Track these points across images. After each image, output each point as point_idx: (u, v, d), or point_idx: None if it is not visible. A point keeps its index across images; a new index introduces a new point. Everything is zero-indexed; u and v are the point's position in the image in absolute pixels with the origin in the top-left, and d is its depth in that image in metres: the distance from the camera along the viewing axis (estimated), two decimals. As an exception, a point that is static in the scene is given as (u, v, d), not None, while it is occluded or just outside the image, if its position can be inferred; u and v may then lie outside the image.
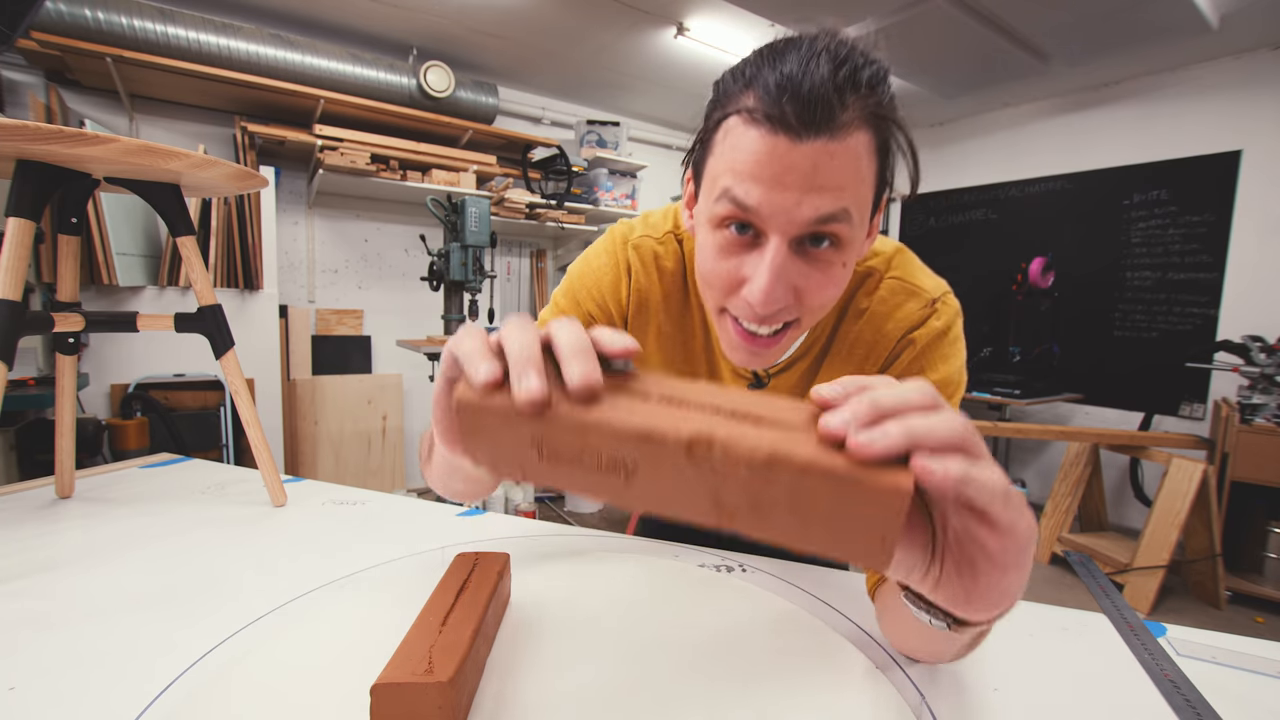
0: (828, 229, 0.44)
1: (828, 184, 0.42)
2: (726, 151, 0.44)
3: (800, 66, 0.40)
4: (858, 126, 0.42)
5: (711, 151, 0.46)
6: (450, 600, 0.48)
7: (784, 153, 0.41)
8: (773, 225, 0.43)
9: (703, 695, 0.44)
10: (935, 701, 0.44)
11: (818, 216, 0.42)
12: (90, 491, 0.88)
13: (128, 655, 0.47)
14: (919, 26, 2.78)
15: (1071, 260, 3.65)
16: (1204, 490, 2.43)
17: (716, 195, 0.45)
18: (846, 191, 0.43)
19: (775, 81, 0.41)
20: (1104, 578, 0.65)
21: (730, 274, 0.47)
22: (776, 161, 0.41)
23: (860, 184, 0.44)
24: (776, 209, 0.42)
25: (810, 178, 0.41)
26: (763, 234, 0.45)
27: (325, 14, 2.89)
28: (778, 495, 0.28)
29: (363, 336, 3.41)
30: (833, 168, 0.41)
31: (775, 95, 0.40)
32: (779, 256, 0.44)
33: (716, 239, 0.47)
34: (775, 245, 0.44)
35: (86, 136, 0.61)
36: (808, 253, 0.45)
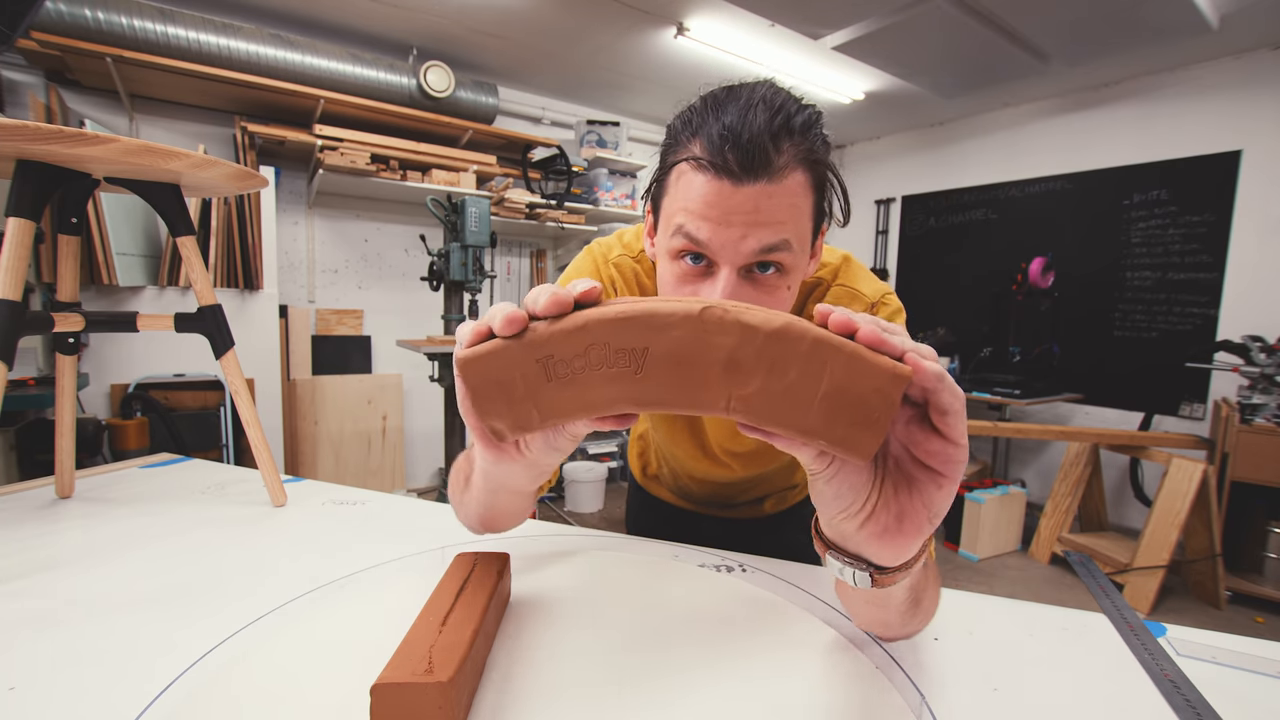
0: (771, 258, 0.49)
1: (769, 220, 0.47)
2: (680, 193, 0.50)
3: (739, 118, 0.46)
4: (793, 169, 0.48)
5: (667, 191, 0.52)
6: (450, 600, 0.48)
7: (728, 195, 0.47)
8: (722, 257, 0.49)
9: (703, 695, 0.44)
10: (935, 701, 0.44)
11: (761, 248, 0.48)
12: (90, 491, 0.88)
13: (128, 655, 0.47)
14: (919, 26, 2.78)
15: (1071, 260, 3.65)
16: (1204, 490, 2.43)
17: (672, 231, 0.51)
18: (786, 225, 0.48)
19: (718, 132, 0.46)
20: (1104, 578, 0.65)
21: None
22: (722, 203, 0.47)
23: (799, 217, 0.50)
24: (724, 244, 0.48)
25: (753, 216, 0.47)
26: (714, 264, 0.50)
27: (325, 14, 2.89)
28: (790, 361, 0.29)
29: (363, 336, 3.41)
30: (772, 206, 0.47)
31: (719, 145, 0.46)
32: (729, 285, 0.49)
33: (675, 269, 0.52)
34: (725, 275, 0.49)
35: (86, 136, 0.61)
36: (755, 279, 0.51)
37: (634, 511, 1.02)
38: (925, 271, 4.54)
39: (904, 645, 0.51)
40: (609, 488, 3.69)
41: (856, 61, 3.20)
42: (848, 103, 3.87)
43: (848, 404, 0.30)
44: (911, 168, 4.56)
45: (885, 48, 3.03)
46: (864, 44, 2.97)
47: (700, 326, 0.30)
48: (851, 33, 2.87)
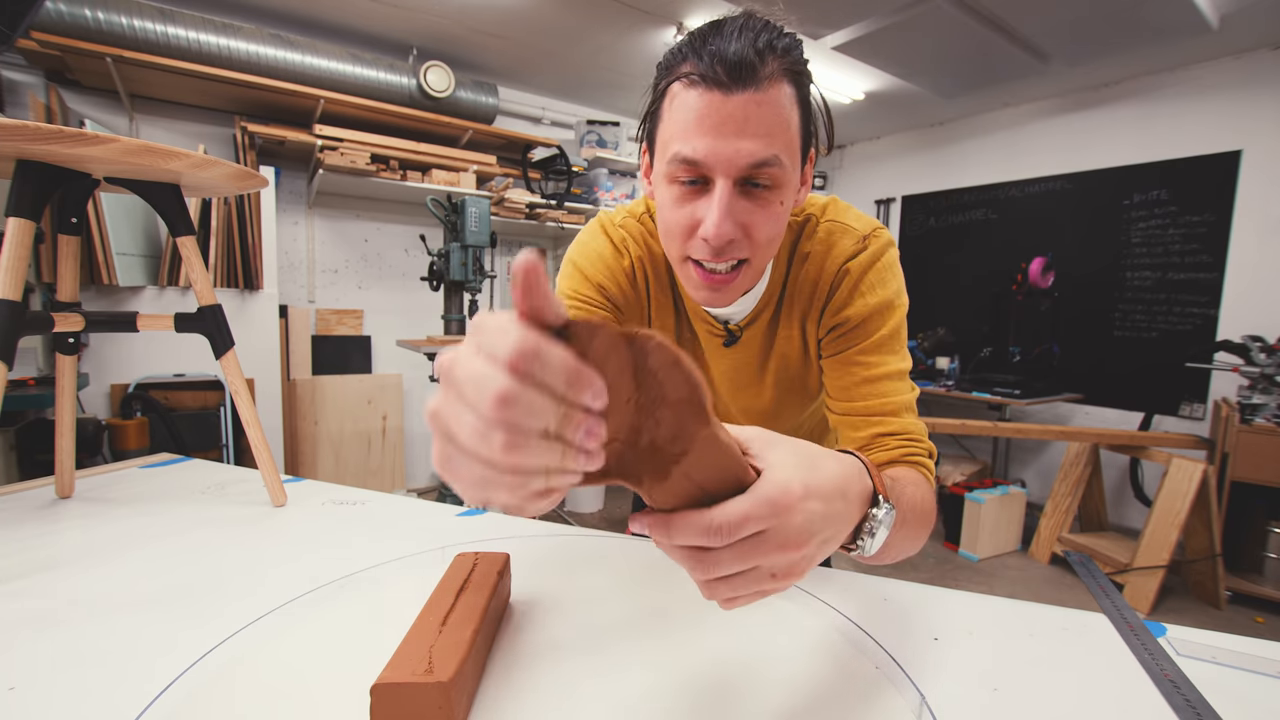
0: (763, 173, 0.51)
1: (758, 131, 0.50)
2: (673, 115, 0.52)
3: (725, 39, 0.49)
4: (778, 80, 0.50)
5: (661, 120, 0.54)
6: (450, 600, 0.48)
7: (719, 105, 0.49)
8: (718, 170, 0.51)
9: (702, 694, 0.44)
10: (935, 701, 0.44)
11: (753, 160, 0.50)
12: (90, 491, 0.88)
13: (128, 655, 0.47)
14: (919, 26, 2.78)
15: (1071, 260, 3.65)
16: (1204, 490, 2.42)
17: (669, 156, 0.53)
18: (776, 138, 0.51)
19: (707, 51, 0.49)
20: (1104, 578, 0.65)
21: (687, 219, 0.54)
22: (714, 114, 0.49)
23: (787, 130, 0.52)
24: (719, 155, 0.50)
25: (743, 125, 0.49)
26: (710, 180, 0.52)
27: (325, 14, 2.89)
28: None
29: (363, 336, 3.41)
30: (761, 115, 0.49)
31: (708, 62, 0.49)
32: (726, 194, 0.51)
33: (672, 192, 0.54)
34: (721, 185, 0.51)
35: (86, 136, 0.61)
36: (750, 192, 0.53)
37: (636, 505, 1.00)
38: (925, 271, 4.53)
39: (904, 645, 0.51)
40: (609, 488, 3.69)
41: (856, 61, 3.19)
42: (848, 103, 3.87)
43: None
44: (911, 168, 4.56)
45: (885, 48, 3.03)
46: (864, 44, 2.97)
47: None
48: (851, 33, 2.87)
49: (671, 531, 0.29)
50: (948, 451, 4.08)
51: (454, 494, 2.60)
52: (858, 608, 0.58)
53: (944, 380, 3.87)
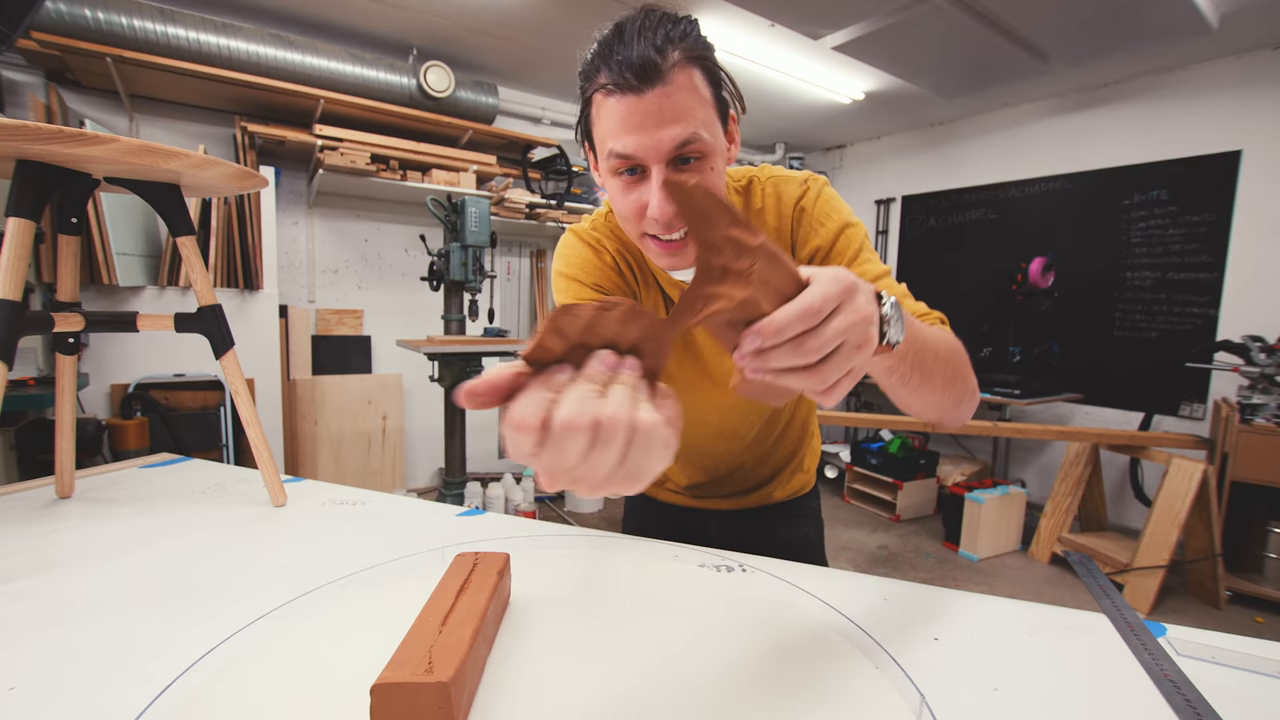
0: (689, 149, 0.57)
1: (675, 117, 0.56)
2: (601, 121, 0.59)
3: (628, 45, 0.55)
4: (682, 68, 0.56)
5: (593, 125, 0.61)
6: (450, 600, 0.48)
7: (635, 106, 0.55)
8: (649, 159, 0.57)
9: (702, 694, 0.44)
10: (935, 701, 0.44)
11: (676, 142, 0.56)
12: (90, 491, 0.88)
13: (128, 655, 0.47)
14: (919, 26, 2.78)
15: (1071, 260, 3.65)
16: (1204, 490, 2.42)
17: (605, 155, 0.60)
18: (692, 117, 0.56)
19: (615, 61, 0.55)
20: (1104, 578, 0.65)
21: (635, 204, 0.60)
22: (633, 114, 0.56)
23: (701, 107, 0.58)
24: (646, 148, 0.56)
25: (660, 117, 0.55)
26: (645, 169, 0.59)
27: (325, 14, 2.89)
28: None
29: (363, 336, 3.41)
30: (674, 104, 0.55)
31: (617, 70, 0.55)
32: (660, 179, 0.58)
33: (617, 184, 0.61)
34: (656, 172, 0.58)
35: (86, 136, 0.61)
36: (682, 169, 0.59)
37: (635, 520, 0.99)
38: (925, 271, 4.53)
39: (904, 645, 0.51)
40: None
41: (856, 61, 3.19)
42: (848, 103, 3.87)
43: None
44: (911, 168, 4.56)
45: (885, 48, 3.03)
46: (864, 44, 2.97)
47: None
48: (851, 33, 2.87)
49: (779, 327, 0.34)
50: (948, 452, 4.08)
51: (454, 494, 2.60)
52: (858, 608, 0.58)
53: (944, 380, 3.86)
